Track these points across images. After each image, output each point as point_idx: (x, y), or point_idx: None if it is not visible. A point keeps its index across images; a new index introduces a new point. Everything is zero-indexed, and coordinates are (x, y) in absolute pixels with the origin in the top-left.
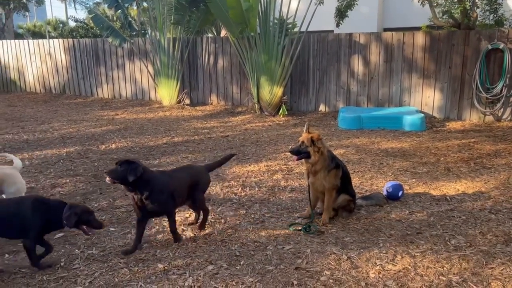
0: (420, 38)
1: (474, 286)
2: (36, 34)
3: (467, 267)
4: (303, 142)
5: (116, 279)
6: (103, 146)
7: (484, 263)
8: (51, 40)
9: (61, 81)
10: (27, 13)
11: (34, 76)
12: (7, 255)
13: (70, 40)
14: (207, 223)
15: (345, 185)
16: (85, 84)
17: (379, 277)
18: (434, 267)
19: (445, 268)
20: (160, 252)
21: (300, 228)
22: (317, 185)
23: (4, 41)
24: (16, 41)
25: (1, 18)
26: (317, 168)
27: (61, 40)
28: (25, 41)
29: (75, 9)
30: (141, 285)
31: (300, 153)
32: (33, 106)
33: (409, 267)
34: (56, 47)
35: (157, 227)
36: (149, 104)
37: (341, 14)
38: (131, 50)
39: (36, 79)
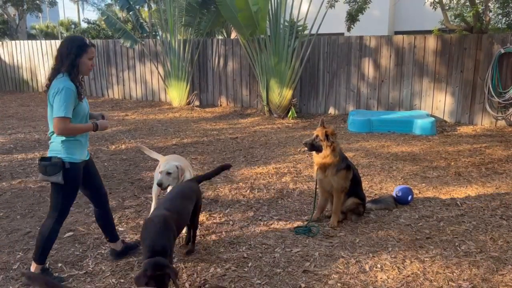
0: (431, 42)
1: None
2: (49, 35)
3: (477, 273)
4: (317, 136)
5: (125, 279)
6: (113, 147)
7: (495, 269)
8: None
9: None
10: (40, 14)
11: (46, 76)
12: (20, 253)
13: None
14: (211, 228)
15: (355, 188)
16: (96, 85)
17: (388, 281)
18: (444, 273)
19: (454, 274)
20: None
21: (300, 230)
22: (325, 183)
23: (17, 41)
24: (29, 41)
25: (15, 18)
26: (326, 162)
27: None
28: (38, 41)
29: (83, 10)
30: None
31: (313, 147)
32: (44, 106)
33: (418, 272)
34: None
35: None
36: (159, 105)
37: (352, 18)
38: (141, 52)
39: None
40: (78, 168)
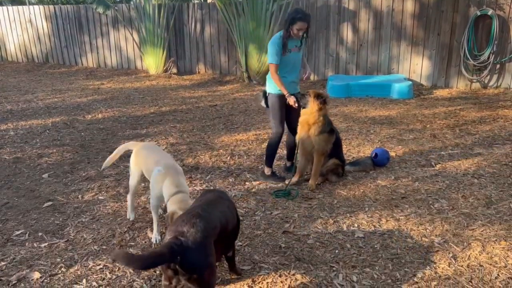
0: (409, 5)
1: (454, 247)
2: (16, 0)
3: (449, 229)
4: (309, 93)
5: (107, 246)
6: (89, 116)
7: (465, 225)
8: (31, 7)
9: (43, 49)
10: None
11: (15, 45)
12: None
13: (52, 6)
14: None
15: (336, 150)
16: (68, 53)
17: (365, 239)
18: (417, 229)
19: (427, 230)
20: (149, 218)
21: (280, 194)
22: (307, 144)
23: None
24: None
25: None
26: (310, 120)
27: (42, 7)
28: (4, 8)
29: None
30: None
31: (299, 99)
32: (15, 75)
33: (393, 230)
34: (37, 14)
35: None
36: (135, 73)
37: None
38: (115, 18)
39: (18, 47)
40: (277, 97)
